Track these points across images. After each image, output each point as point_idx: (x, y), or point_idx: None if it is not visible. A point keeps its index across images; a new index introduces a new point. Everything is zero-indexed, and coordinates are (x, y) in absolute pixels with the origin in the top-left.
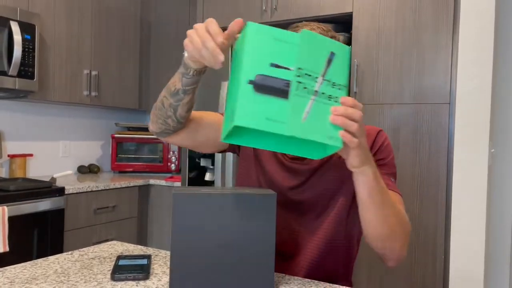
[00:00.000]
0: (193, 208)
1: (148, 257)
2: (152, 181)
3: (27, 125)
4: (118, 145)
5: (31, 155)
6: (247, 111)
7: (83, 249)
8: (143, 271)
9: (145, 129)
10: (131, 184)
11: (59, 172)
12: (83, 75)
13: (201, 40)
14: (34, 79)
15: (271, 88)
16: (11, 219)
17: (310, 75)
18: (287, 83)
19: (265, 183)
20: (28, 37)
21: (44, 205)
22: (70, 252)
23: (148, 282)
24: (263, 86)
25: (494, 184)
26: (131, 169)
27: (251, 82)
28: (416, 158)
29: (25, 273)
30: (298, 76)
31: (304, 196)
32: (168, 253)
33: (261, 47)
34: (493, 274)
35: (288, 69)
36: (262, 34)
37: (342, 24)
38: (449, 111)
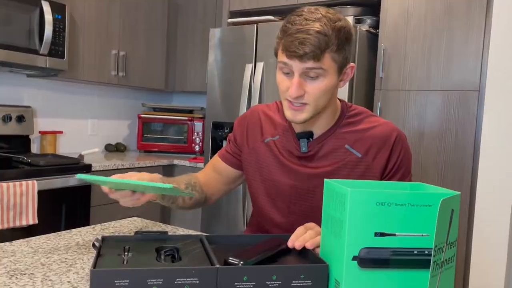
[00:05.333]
0: None
1: (165, 233)
2: (176, 161)
3: (58, 103)
4: (144, 125)
5: (61, 132)
6: None
7: (105, 223)
8: None
9: (171, 110)
10: (156, 164)
11: (87, 149)
12: (111, 55)
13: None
14: (64, 58)
15: (376, 260)
16: (41, 193)
17: (440, 248)
18: (393, 252)
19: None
20: (59, 17)
21: (72, 181)
22: (92, 226)
23: None
24: (368, 260)
25: None
26: (156, 149)
27: (355, 258)
28: (441, 146)
29: (49, 243)
30: (434, 255)
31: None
32: (186, 230)
33: (364, 217)
34: None
35: (394, 235)
36: (364, 202)
37: (369, 7)
38: (478, 99)
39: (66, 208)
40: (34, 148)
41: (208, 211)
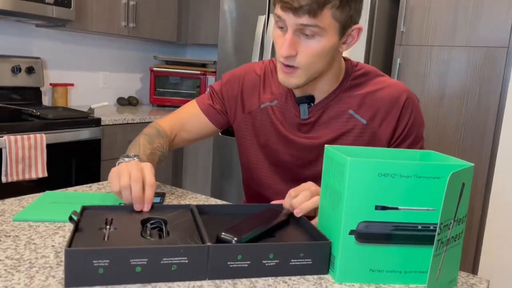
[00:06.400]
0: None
1: (162, 195)
2: None
3: (68, 55)
4: (157, 78)
5: (72, 84)
6: (349, 267)
7: (102, 182)
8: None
9: (184, 63)
10: None
11: (100, 102)
12: (121, 5)
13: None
14: (71, 8)
15: (376, 235)
16: (51, 147)
17: (447, 225)
18: (395, 226)
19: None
20: None
21: (81, 134)
22: (89, 185)
23: None
24: (366, 235)
25: None
26: (169, 104)
27: (352, 232)
28: (463, 106)
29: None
30: (439, 233)
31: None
32: (184, 191)
33: (364, 188)
34: None
35: (396, 209)
36: (365, 173)
37: None
38: (506, 57)
39: (76, 162)
40: (46, 101)
41: (219, 174)
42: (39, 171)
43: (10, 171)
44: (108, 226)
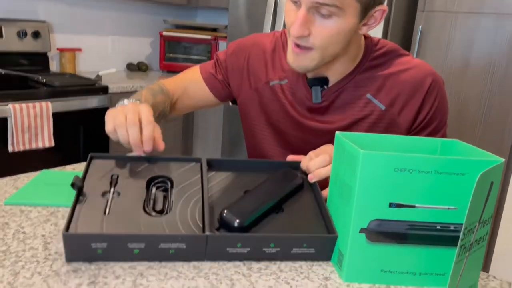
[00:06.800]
0: None
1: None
2: None
3: (75, 18)
4: (167, 43)
5: (79, 49)
6: (359, 267)
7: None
8: None
9: (194, 28)
10: None
11: (109, 68)
12: None
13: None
14: None
15: (389, 234)
16: (57, 116)
17: (471, 229)
18: (410, 226)
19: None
20: None
21: (90, 102)
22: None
23: None
24: (378, 234)
25: None
26: (179, 69)
27: (363, 230)
28: (488, 80)
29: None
30: (462, 239)
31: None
32: None
33: (378, 184)
34: None
35: (413, 207)
36: (380, 168)
37: None
38: None
39: (84, 131)
40: (54, 67)
41: (229, 140)
42: (46, 140)
43: (16, 141)
44: (112, 189)
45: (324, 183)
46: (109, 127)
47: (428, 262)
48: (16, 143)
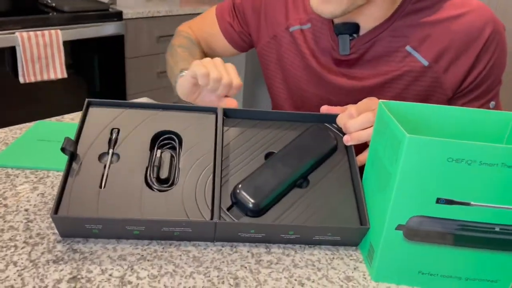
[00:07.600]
0: None
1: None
2: None
3: None
4: None
5: None
6: (392, 266)
7: None
8: None
9: None
10: (199, 11)
11: None
12: None
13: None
14: None
15: (432, 234)
16: (69, 44)
17: None
18: (462, 226)
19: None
20: None
21: (104, 30)
22: None
23: None
24: (419, 232)
25: None
26: None
27: (400, 227)
28: None
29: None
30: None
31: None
32: None
33: (425, 175)
34: None
35: (467, 204)
36: (430, 156)
37: None
38: None
39: (99, 60)
40: None
41: (251, 82)
42: (58, 71)
43: (27, 71)
44: (110, 151)
45: (362, 144)
46: (202, 70)
47: (479, 266)
48: (27, 74)
